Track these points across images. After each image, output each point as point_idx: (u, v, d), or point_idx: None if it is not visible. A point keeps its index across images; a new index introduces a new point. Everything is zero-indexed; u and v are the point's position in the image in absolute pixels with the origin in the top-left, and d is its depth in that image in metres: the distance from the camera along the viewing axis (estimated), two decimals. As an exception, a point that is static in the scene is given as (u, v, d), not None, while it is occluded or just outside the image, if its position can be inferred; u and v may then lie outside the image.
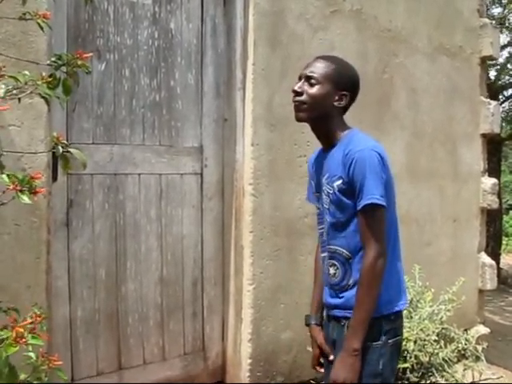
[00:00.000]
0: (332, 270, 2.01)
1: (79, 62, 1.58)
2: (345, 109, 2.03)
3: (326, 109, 1.98)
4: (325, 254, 2.06)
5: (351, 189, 1.89)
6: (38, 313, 1.58)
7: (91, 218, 2.92)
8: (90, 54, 1.69)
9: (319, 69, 1.98)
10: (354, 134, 1.99)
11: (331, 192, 1.97)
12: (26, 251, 2.51)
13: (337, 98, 1.98)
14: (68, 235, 2.84)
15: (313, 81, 1.97)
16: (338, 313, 2.01)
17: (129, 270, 3.05)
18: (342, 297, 1.98)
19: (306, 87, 1.98)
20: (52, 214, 2.70)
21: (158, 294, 3.16)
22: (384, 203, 1.85)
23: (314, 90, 1.97)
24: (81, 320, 2.89)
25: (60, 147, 1.55)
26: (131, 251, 3.06)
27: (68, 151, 1.57)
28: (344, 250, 1.97)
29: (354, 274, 1.94)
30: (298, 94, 1.99)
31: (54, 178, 2.72)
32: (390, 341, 1.94)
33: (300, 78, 2.02)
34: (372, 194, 1.84)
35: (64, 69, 1.63)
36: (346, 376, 1.86)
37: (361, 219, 1.90)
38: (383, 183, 1.86)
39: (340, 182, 1.93)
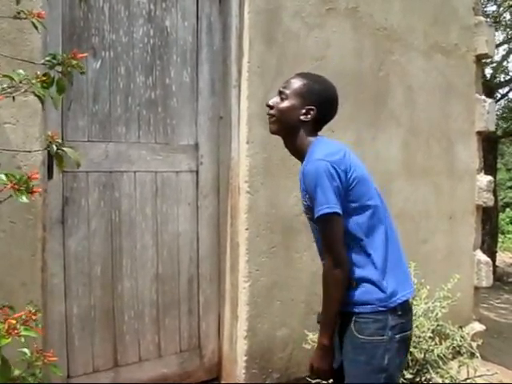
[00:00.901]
0: None
1: (74, 62, 1.58)
2: (315, 124, 2.10)
3: (292, 122, 2.09)
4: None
5: (314, 203, 1.98)
6: (33, 310, 1.58)
7: (87, 215, 2.92)
8: (85, 54, 1.70)
9: (291, 84, 2.11)
10: (313, 146, 2.06)
11: (305, 207, 2.08)
12: (21, 248, 2.52)
13: (303, 111, 2.07)
14: (63, 233, 2.84)
15: (283, 95, 2.10)
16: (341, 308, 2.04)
17: (124, 267, 3.06)
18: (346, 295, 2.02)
19: (278, 101, 2.11)
20: (47, 211, 2.71)
21: (153, 292, 3.17)
22: (334, 210, 1.91)
23: (282, 104, 2.09)
24: (76, 317, 2.90)
25: (54, 146, 1.56)
26: (127, 249, 3.06)
27: (62, 150, 1.57)
28: None
29: (354, 272, 1.99)
30: (270, 107, 2.13)
31: (50, 176, 2.72)
32: (396, 336, 1.98)
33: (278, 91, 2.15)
34: (321, 206, 1.93)
35: (58, 68, 1.63)
36: (318, 365, 2.05)
37: (318, 231, 2.02)
38: (334, 190, 1.92)
39: (306, 197, 2.03)
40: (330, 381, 2.37)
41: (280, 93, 2.12)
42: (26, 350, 1.47)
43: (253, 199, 3.29)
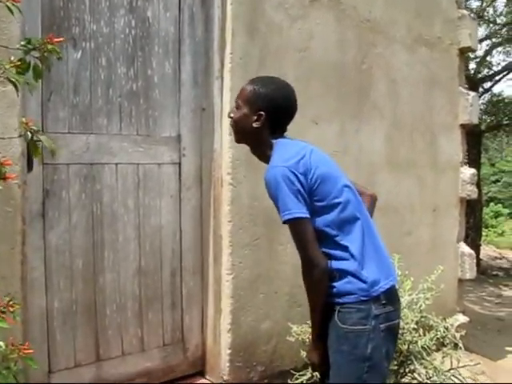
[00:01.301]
0: None
1: (50, 47, 1.54)
2: (273, 127, 2.11)
3: (248, 131, 2.12)
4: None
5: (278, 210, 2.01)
6: (11, 302, 1.56)
7: (68, 208, 2.89)
8: (61, 39, 1.66)
9: (242, 93, 2.15)
10: (273, 153, 2.07)
11: None
12: (0, 241, 2.48)
13: (254, 118, 2.09)
14: (44, 225, 2.81)
15: (237, 105, 2.16)
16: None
17: (106, 260, 3.02)
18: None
19: (234, 111, 2.17)
20: (27, 204, 2.67)
21: (136, 285, 3.14)
22: (295, 215, 1.94)
23: (236, 114, 2.15)
24: (58, 311, 2.86)
25: (29, 133, 1.52)
26: (109, 241, 3.03)
27: (37, 137, 1.53)
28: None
29: (333, 266, 1.99)
30: (230, 118, 2.18)
31: (30, 168, 2.68)
32: (381, 325, 1.99)
33: None
34: (282, 213, 1.96)
35: (35, 54, 1.60)
36: (309, 358, 2.18)
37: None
38: (295, 195, 1.94)
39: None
40: (315, 373, 2.40)
41: (235, 102, 2.17)
42: (0, 342, 1.44)
43: (236, 191, 3.27)
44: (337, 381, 2.03)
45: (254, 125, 2.09)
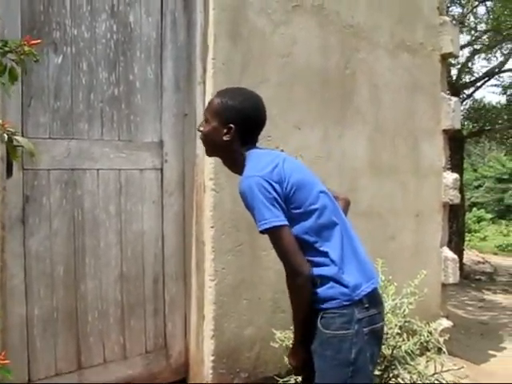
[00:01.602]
0: None
1: (27, 49, 1.52)
2: (244, 138, 2.09)
3: (219, 143, 2.09)
4: None
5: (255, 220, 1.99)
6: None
7: (48, 214, 2.85)
8: (39, 41, 1.64)
9: (210, 106, 2.12)
10: (246, 164, 2.06)
11: None
12: (-22, 248, 2.44)
13: (225, 131, 2.06)
14: (24, 232, 2.76)
15: (205, 118, 2.12)
16: None
17: (88, 266, 2.99)
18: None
19: (203, 125, 2.13)
20: (7, 210, 2.63)
21: (118, 291, 3.10)
22: (273, 224, 1.92)
23: (205, 128, 2.11)
24: (38, 319, 2.82)
25: (5, 135, 1.50)
26: (90, 248, 2.99)
27: (16, 139, 1.51)
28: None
29: (315, 272, 1.98)
30: (200, 131, 2.16)
31: (9, 174, 2.65)
32: (364, 329, 1.98)
33: None
34: (259, 222, 1.95)
35: (11, 56, 1.57)
36: (289, 361, 2.16)
37: None
38: (271, 203, 1.92)
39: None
40: (299, 378, 2.40)
41: (204, 115, 2.16)
42: (-24, 350, 1.41)
43: (218, 197, 3.26)
44: None
45: (225, 138, 2.06)
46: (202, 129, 2.14)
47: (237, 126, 2.05)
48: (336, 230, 2.03)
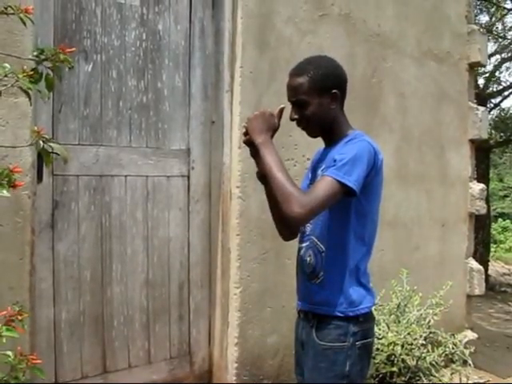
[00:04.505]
0: (307, 261, 2.01)
1: (62, 57, 1.56)
2: (341, 102, 2.02)
3: (327, 116, 1.97)
4: (303, 245, 2.05)
5: (333, 164, 1.86)
6: (17, 311, 1.55)
7: (76, 219, 2.89)
8: (73, 49, 1.68)
9: (298, 88, 1.95)
10: (358, 133, 1.99)
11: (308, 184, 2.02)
12: (9, 252, 2.49)
13: (329, 101, 1.96)
14: (53, 236, 2.81)
15: (300, 103, 1.96)
16: (303, 306, 2.04)
17: (114, 272, 3.02)
18: (309, 288, 2.00)
19: (300, 111, 1.97)
20: (37, 214, 2.68)
21: (143, 297, 3.13)
22: (350, 184, 1.80)
23: (307, 111, 1.95)
24: (65, 322, 2.86)
25: (41, 141, 1.53)
26: (117, 253, 3.03)
27: (49, 146, 1.54)
28: (318, 242, 1.97)
29: (324, 268, 1.95)
30: (296, 121, 2.00)
31: (40, 179, 2.70)
32: (357, 343, 1.93)
33: (290, 102, 2.01)
34: (344, 173, 1.81)
35: (47, 64, 1.61)
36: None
37: (317, 181, 1.89)
38: (365, 173, 1.84)
39: (321, 168, 1.96)
40: None
41: (295, 103, 1.98)
42: (9, 352, 1.44)
43: (244, 204, 3.27)
44: None
45: (332, 106, 1.96)
46: (296, 116, 1.98)
47: (339, 90, 1.97)
48: (365, 240, 2.00)
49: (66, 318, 2.86)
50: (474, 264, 4.87)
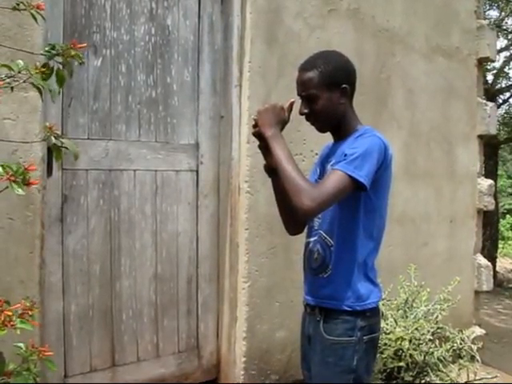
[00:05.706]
0: (315, 255, 2.01)
1: (73, 52, 1.57)
2: (351, 97, 2.02)
3: (337, 111, 1.97)
4: (311, 239, 2.05)
5: (344, 158, 1.87)
6: (29, 305, 1.57)
7: (86, 213, 2.91)
8: (84, 45, 1.68)
9: (308, 83, 1.95)
10: (368, 128, 1.99)
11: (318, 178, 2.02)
12: (19, 245, 2.50)
13: (338, 95, 1.96)
14: (62, 230, 2.82)
15: (310, 98, 1.95)
16: (311, 300, 2.04)
17: (123, 266, 3.03)
18: (317, 282, 2.00)
19: (309, 106, 1.97)
20: (46, 208, 2.69)
21: (152, 291, 3.15)
22: (360, 179, 1.80)
23: (316, 105, 1.95)
24: (74, 316, 2.87)
25: (52, 137, 1.54)
26: (126, 247, 3.04)
27: (60, 141, 1.55)
28: (327, 237, 1.97)
29: (332, 262, 1.95)
30: (306, 115, 1.99)
31: (49, 173, 2.71)
32: (365, 337, 1.93)
33: (300, 96, 2.00)
34: (355, 167, 1.81)
35: (58, 59, 1.62)
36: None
37: (327, 175, 1.90)
38: (375, 168, 1.84)
39: (330, 162, 1.96)
40: None
41: (305, 97, 1.97)
42: (21, 344, 1.45)
43: (253, 199, 3.27)
44: None
45: (342, 101, 1.96)
46: (306, 111, 1.97)
47: (348, 85, 1.97)
48: (373, 235, 2.00)
49: (75, 311, 2.87)
50: (482, 260, 4.87)
